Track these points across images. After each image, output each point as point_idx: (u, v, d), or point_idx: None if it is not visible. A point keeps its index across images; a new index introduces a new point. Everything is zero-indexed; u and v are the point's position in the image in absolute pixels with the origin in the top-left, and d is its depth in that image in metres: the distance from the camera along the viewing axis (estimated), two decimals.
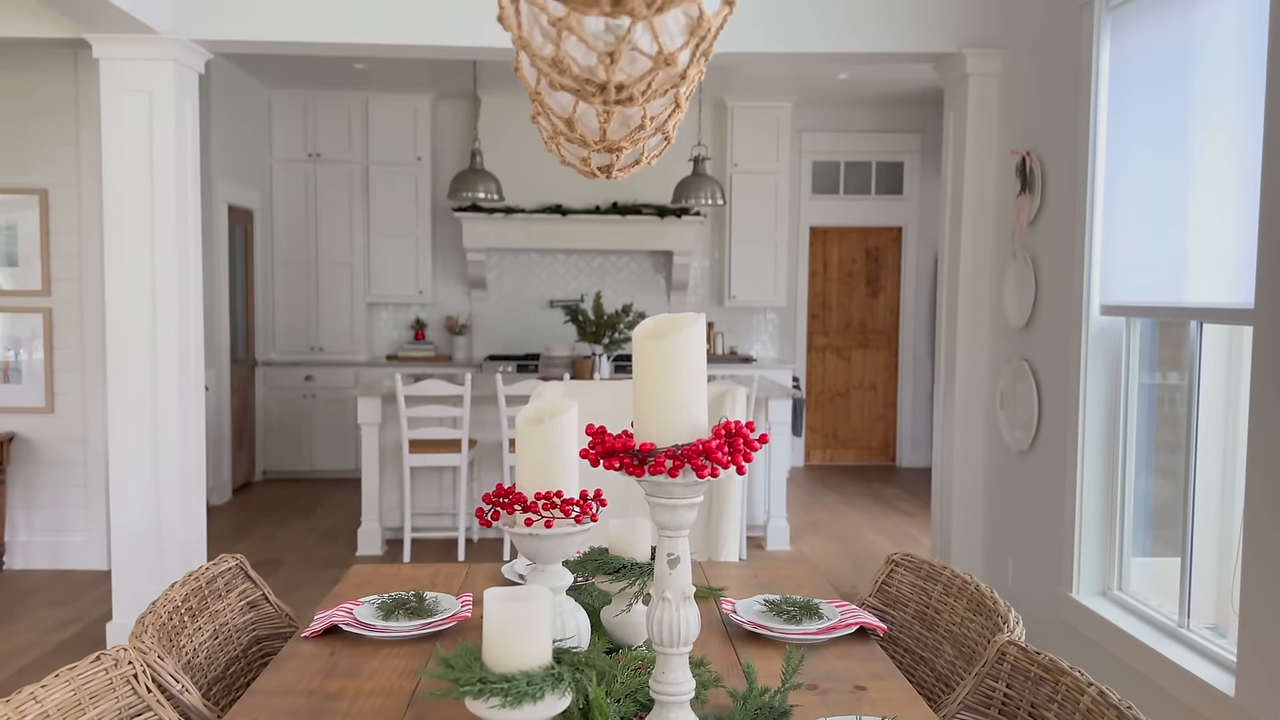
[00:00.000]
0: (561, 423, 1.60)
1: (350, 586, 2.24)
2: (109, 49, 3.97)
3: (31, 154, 5.26)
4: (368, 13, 4.08)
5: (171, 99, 4.02)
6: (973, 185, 4.32)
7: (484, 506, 1.61)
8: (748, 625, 1.92)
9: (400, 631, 1.89)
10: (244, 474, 7.60)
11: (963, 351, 4.37)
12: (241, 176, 7.40)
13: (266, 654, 2.14)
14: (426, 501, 5.95)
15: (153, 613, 1.82)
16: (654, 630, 1.29)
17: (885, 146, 8.44)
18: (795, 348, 8.55)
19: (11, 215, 5.27)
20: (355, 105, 7.93)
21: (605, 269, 8.39)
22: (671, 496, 1.27)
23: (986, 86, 4.27)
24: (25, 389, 5.33)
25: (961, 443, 4.39)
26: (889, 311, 8.65)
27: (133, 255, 4.05)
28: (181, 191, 4.10)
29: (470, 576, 2.33)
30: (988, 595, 1.96)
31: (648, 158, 1.65)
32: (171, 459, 4.12)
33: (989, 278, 4.33)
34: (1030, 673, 1.59)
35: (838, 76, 7.29)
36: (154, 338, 4.08)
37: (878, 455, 8.77)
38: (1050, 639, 3.73)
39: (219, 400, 6.99)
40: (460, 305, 8.40)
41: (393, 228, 8.01)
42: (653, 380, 1.28)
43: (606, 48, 1.04)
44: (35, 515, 5.39)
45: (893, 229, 8.57)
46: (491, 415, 5.84)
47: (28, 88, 5.23)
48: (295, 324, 8.01)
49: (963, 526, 4.42)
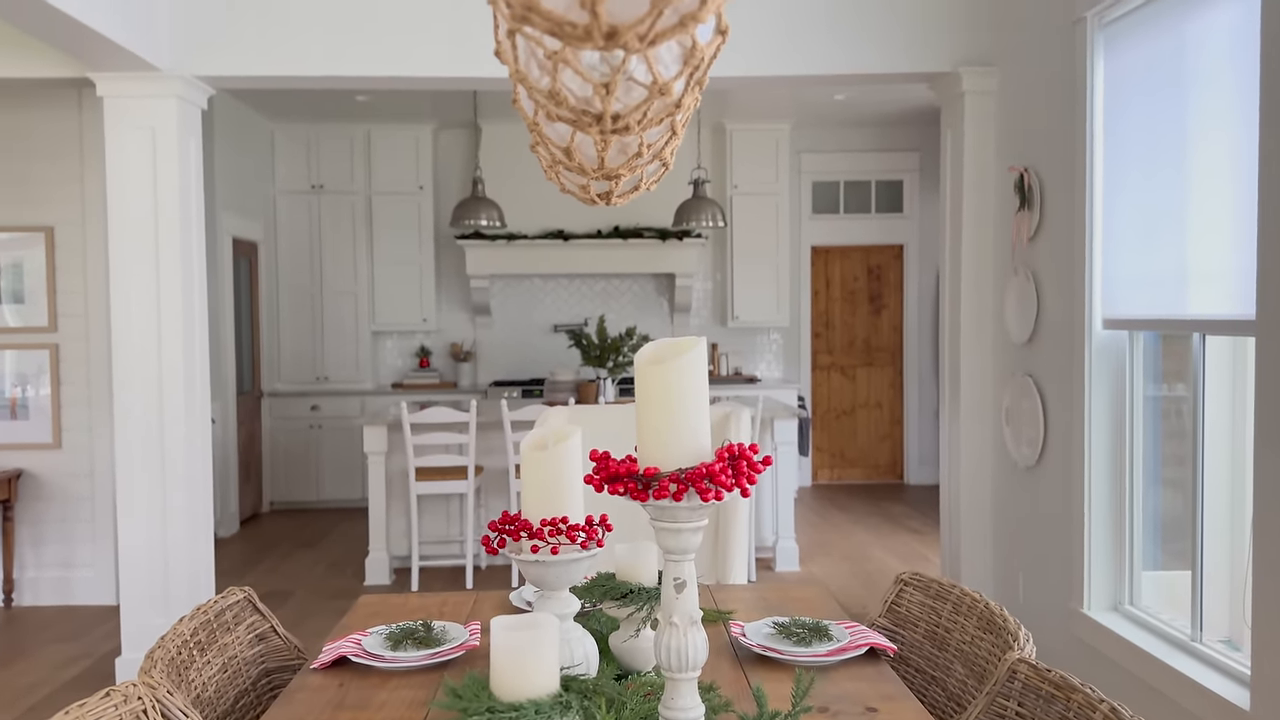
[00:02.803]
0: (566, 448, 1.61)
1: (358, 617, 2.24)
2: (112, 87, 4.01)
3: (37, 192, 5.30)
4: (367, 46, 4.12)
5: (175, 135, 4.06)
6: (972, 202, 4.33)
7: (490, 534, 1.61)
8: (757, 648, 1.91)
9: (409, 662, 1.88)
10: (251, 505, 7.60)
11: (967, 368, 4.38)
12: (245, 209, 7.45)
13: (276, 686, 2.13)
14: (434, 529, 5.95)
15: (161, 647, 1.82)
16: (662, 655, 1.29)
17: (884, 165, 8.48)
18: (800, 367, 8.55)
19: (18, 253, 5.31)
20: (357, 137, 7.99)
21: (608, 292, 8.42)
22: (676, 520, 1.27)
23: (982, 104, 4.29)
24: (33, 425, 5.34)
25: (968, 459, 4.39)
26: (892, 329, 8.65)
27: (138, 290, 4.08)
28: (186, 226, 4.13)
29: (478, 604, 2.32)
30: (997, 613, 1.95)
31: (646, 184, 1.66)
32: (178, 492, 4.13)
33: (991, 294, 4.34)
34: (1042, 690, 1.58)
35: (835, 97, 7.33)
36: (160, 372, 4.10)
37: (885, 473, 8.75)
38: (1062, 655, 3.71)
39: (225, 432, 7.00)
40: (464, 332, 8.42)
41: (396, 256, 8.05)
42: (655, 405, 1.28)
43: (602, 79, 1.05)
44: (43, 551, 5.39)
45: (894, 247, 8.59)
46: (497, 441, 5.84)
47: (33, 127, 5.28)
48: (301, 354, 8.03)
49: (972, 544, 4.40)
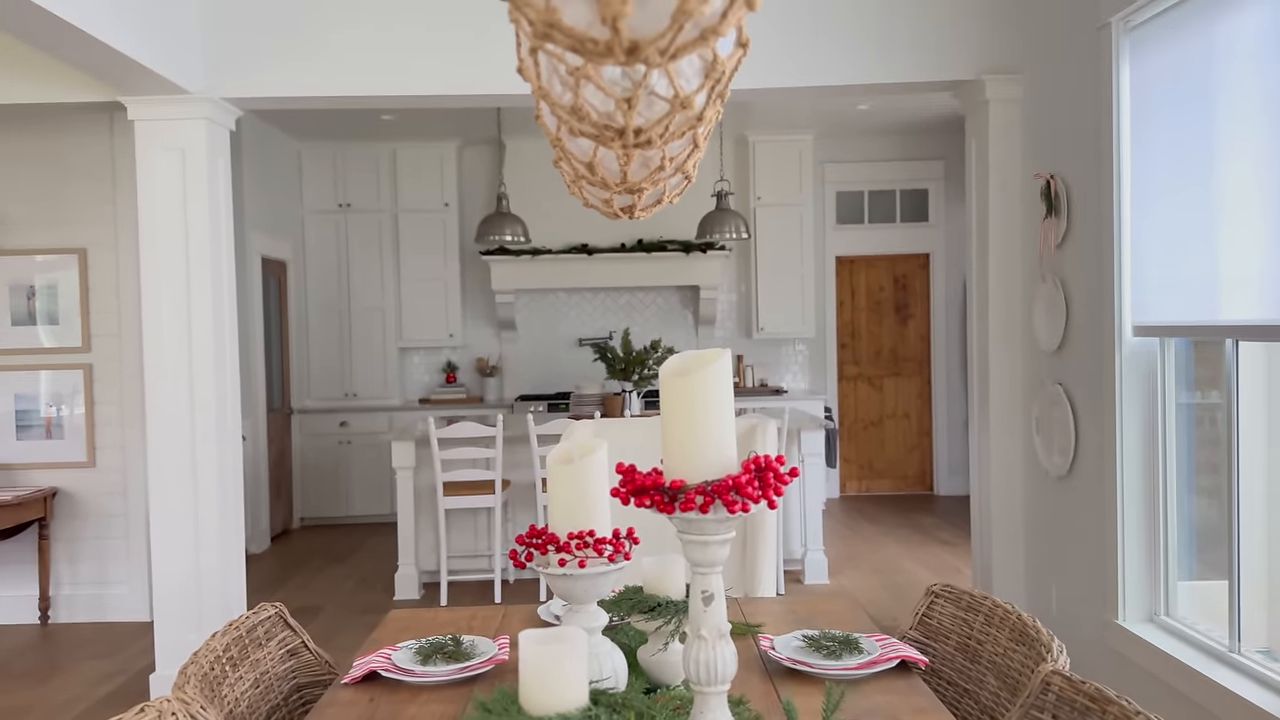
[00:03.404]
0: (592, 462, 1.61)
1: (388, 632, 2.25)
2: (143, 110, 4.08)
3: (71, 214, 5.40)
4: (392, 66, 4.17)
5: (204, 156, 4.12)
6: (998, 210, 4.31)
7: (517, 548, 1.62)
8: (787, 662, 1.90)
9: (438, 676, 1.89)
10: (282, 521, 7.66)
11: (996, 377, 4.34)
12: (274, 229, 7.53)
13: (307, 702, 2.15)
14: (462, 544, 5.96)
15: (195, 663, 1.83)
16: (691, 669, 1.29)
17: (909, 174, 8.45)
18: (826, 378, 8.51)
19: (53, 275, 5.40)
20: (383, 155, 8.07)
21: (633, 306, 8.43)
22: (703, 533, 1.27)
23: (1007, 112, 4.27)
24: (67, 444, 5.42)
25: (998, 469, 4.34)
26: (920, 339, 8.60)
27: (170, 310, 4.13)
28: (216, 246, 4.18)
29: (507, 618, 2.33)
30: (1030, 624, 1.93)
31: (669, 197, 1.67)
32: (211, 509, 4.17)
33: (1019, 302, 4.31)
34: (1076, 703, 1.56)
35: (858, 107, 7.32)
36: (191, 390, 4.15)
37: (915, 484, 8.68)
38: (1097, 667, 3.65)
39: (256, 449, 7.07)
40: (490, 347, 8.46)
41: (422, 273, 8.11)
42: (680, 417, 1.28)
43: (624, 94, 1.06)
44: (78, 568, 5.46)
45: (920, 256, 8.55)
46: (524, 455, 5.85)
47: (66, 151, 5.38)
48: (329, 371, 8.10)
49: (1004, 555, 4.36)
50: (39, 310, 5.41)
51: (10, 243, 5.40)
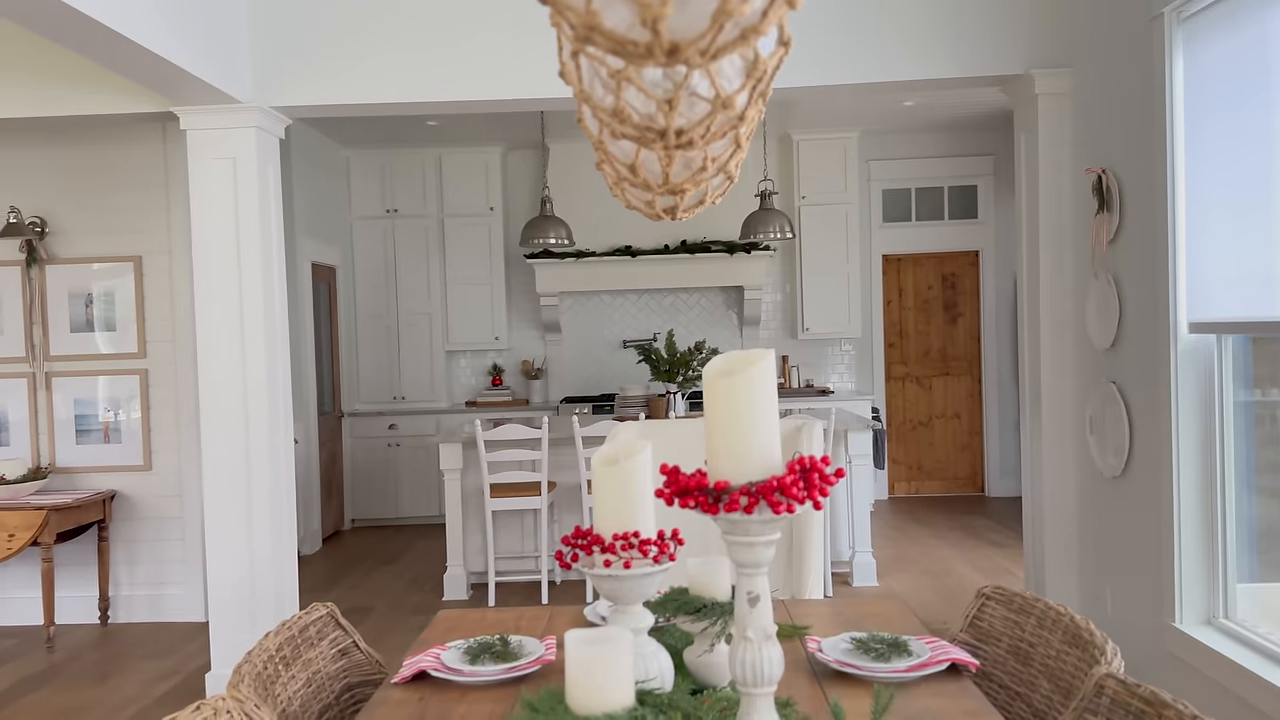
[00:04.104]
0: (636, 463, 1.61)
1: (437, 632, 2.27)
2: (195, 120, 4.16)
3: (126, 223, 5.53)
4: (437, 72, 4.21)
5: (254, 164, 4.19)
6: (1048, 206, 4.24)
7: (563, 549, 1.62)
8: (834, 664, 1.89)
9: (486, 676, 1.90)
10: (333, 523, 7.77)
11: (1047, 376, 4.27)
12: (323, 235, 7.65)
13: (358, 701, 2.17)
14: (509, 545, 6.00)
15: (248, 662, 1.87)
16: (737, 670, 1.29)
17: (957, 171, 8.34)
18: (873, 378, 8.44)
19: (109, 282, 5.54)
20: (429, 161, 8.15)
21: (676, 307, 8.43)
22: (748, 534, 1.27)
23: (1057, 106, 4.20)
24: (125, 448, 5.55)
25: (1051, 470, 4.27)
26: (970, 338, 8.49)
27: (222, 316, 4.21)
28: (266, 253, 4.26)
29: (554, 619, 2.34)
30: (1083, 627, 1.89)
31: (712, 198, 1.66)
32: (264, 511, 4.24)
33: (1071, 299, 4.23)
34: (1131, 706, 1.53)
35: (904, 103, 7.25)
36: (244, 395, 4.22)
37: (965, 485, 8.57)
38: (1154, 671, 3.58)
39: (308, 452, 7.18)
40: (535, 349, 8.51)
41: (468, 277, 8.19)
42: (725, 418, 1.28)
43: (665, 95, 1.06)
44: (136, 570, 5.59)
45: (969, 254, 8.44)
46: (570, 457, 5.87)
47: (121, 161, 5.51)
48: (378, 375, 8.21)
49: (1056, 556, 4.28)
50: (96, 317, 5.55)
51: (68, 251, 5.55)
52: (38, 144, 5.54)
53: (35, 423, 5.56)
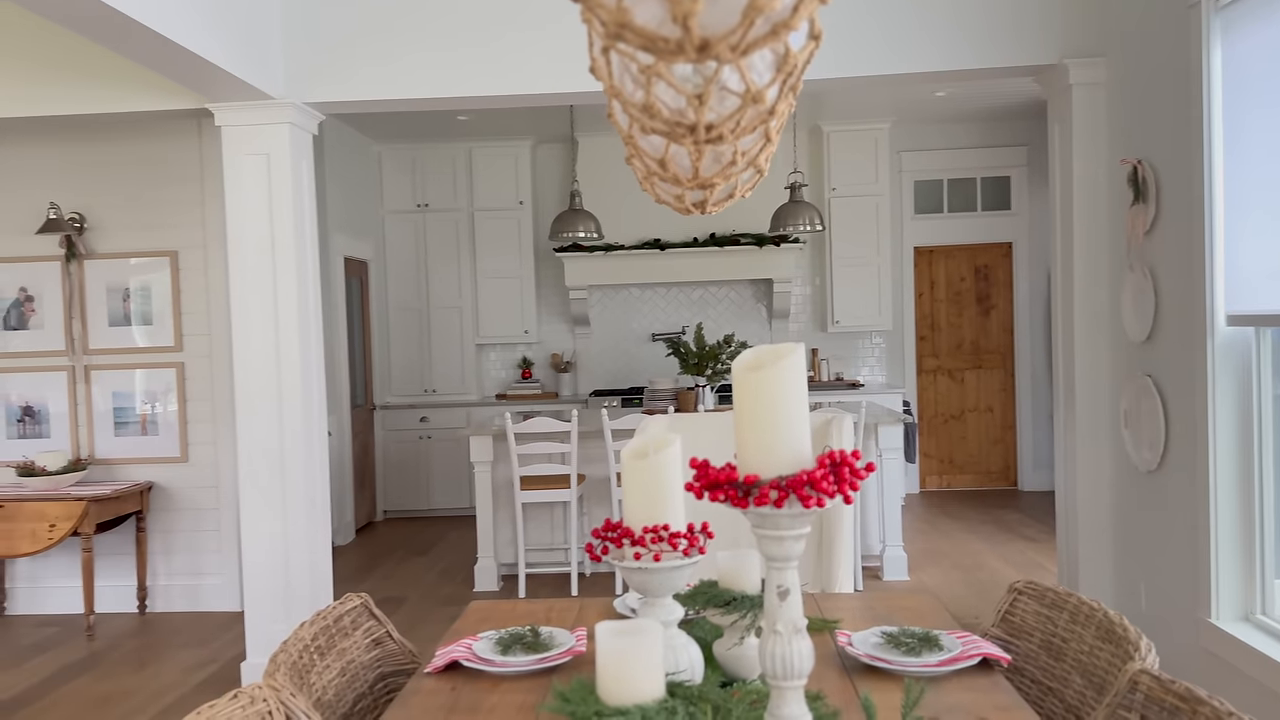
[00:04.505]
0: (665, 457, 1.62)
1: (469, 622, 2.29)
2: (229, 116, 4.21)
3: (162, 218, 5.61)
4: (468, 68, 4.23)
5: (288, 160, 4.24)
6: (1083, 197, 4.19)
7: (593, 541, 1.63)
8: (864, 658, 1.89)
9: (517, 666, 1.92)
10: (366, 514, 7.85)
11: (1082, 369, 4.23)
12: (355, 229, 7.71)
13: (391, 690, 2.20)
14: (539, 537, 6.04)
15: (284, 651, 1.89)
16: (766, 663, 1.29)
17: (990, 162, 8.26)
18: (904, 371, 8.39)
19: (146, 277, 5.62)
20: (459, 155, 8.20)
21: (705, 300, 8.42)
22: (778, 528, 1.27)
23: (1091, 96, 4.15)
24: (162, 440, 5.64)
25: (1085, 464, 4.23)
26: (1003, 330, 8.41)
27: (257, 310, 4.26)
28: (300, 247, 4.30)
29: (584, 611, 2.35)
30: (1117, 622, 1.88)
31: (741, 191, 1.66)
32: (298, 503, 4.29)
33: (1106, 291, 4.18)
34: (1165, 702, 1.52)
35: (936, 94, 7.18)
36: (279, 388, 4.27)
37: (998, 479, 8.50)
38: (1189, 668, 3.54)
39: (341, 444, 7.25)
40: (564, 343, 8.53)
41: (498, 271, 8.23)
42: (754, 412, 1.28)
43: (695, 90, 1.06)
44: (173, 560, 5.68)
45: (1002, 245, 8.36)
46: (598, 450, 5.89)
47: (157, 157, 5.59)
48: (410, 368, 8.27)
49: (1090, 551, 4.24)
50: (134, 311, 5.63)
51: (106, 246, 5.64)
52: (76, 141, 5.63)
53: (75, 415, 5.66)
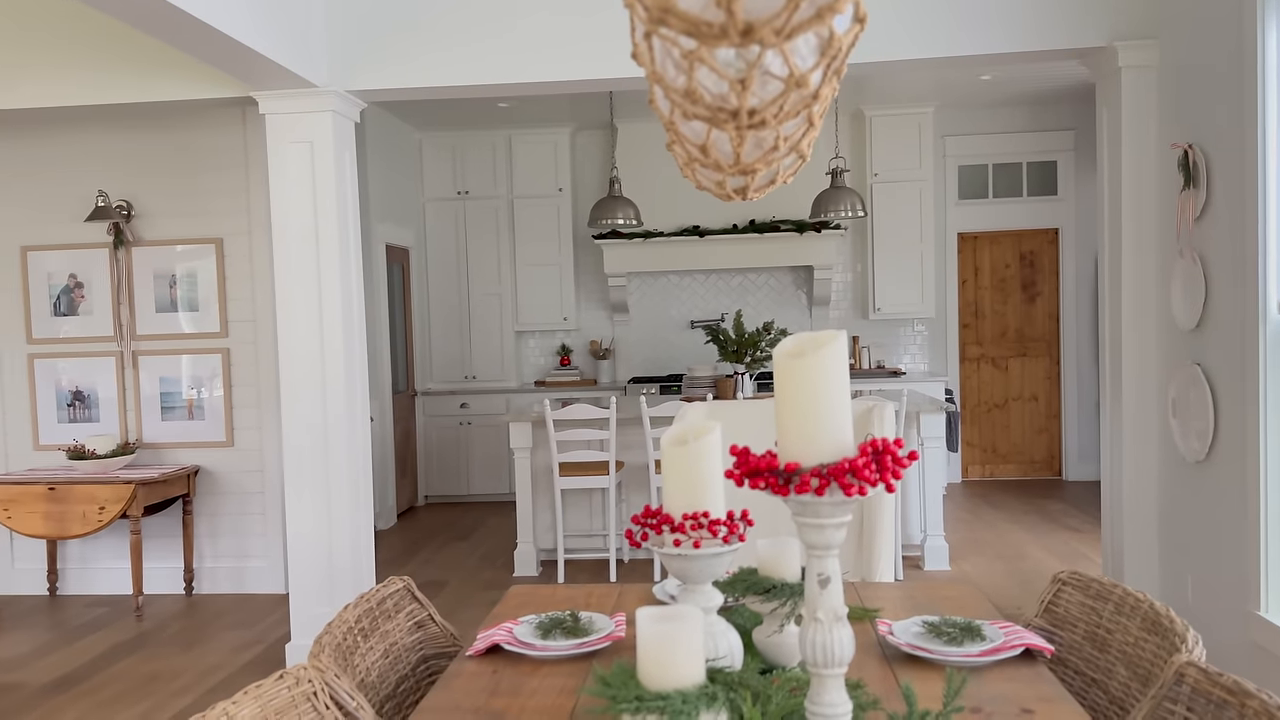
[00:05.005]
0: (706, 444, 1.61)
1: (510, 607, 2.31)
2: (273, 105, 4.25)
3: (207, 206, 5.69)
4: (509, 55, 4.24)
5: (331, 148, 4.28)
6: (1132, 183, 4.11)
7: (633, 528, 1.64)
8: (905, 647, 1.87)
9: (558, 650, 1.93)
10: (407, 499, 7.94)
11: (1129, 357, 4.15)
12: (397, 217, 7.78)
13: (433, 672, 2.23)
14: (577, 523, 6.07)
15: (329, 633, 1.92)
16: (807, 651, 1.29)
17: (1036, 146, 8.13)
18: (947, 359, 8.30)
19: (192, 264, 5.71)
20: (499, 143, 8.22)
21: (744, 287, 8.39)
22: (819, 516, 1.26)
23: (1141, 79, 4.06)
24: (208, 425, 5.74)
25: (1132, 454, 4.16)
26: (1048, 318, 8.29)
27: (301, 297, 4.31)
28: (343, 234, 4.34)
29: (623, 596, 2.36)
30: (1163, 614, 1.85)
31: (783, 177, 1.65)
32: (341, 487, 4.35)
33: (1154, 279, 4.11)
34: (1213, 695, 1.49)
35: (981, 77, 7.08)
36: (323, 374, 4.33)
37: (1041, 469, 8.39)
38: (1236, 661, 3.48)
39: (383, 430, 7.33)
40: (603, 330, 8.55)
41: (537, 258, 8.26)
42: (795, 399, 1.27)
43: (737, 75, 1.06)
44: (219, 543, 5.78)
45: (1048, 231, 8.23)
46: (637, 437, 5.90)
47: (203, 145, 5.67)
48: (450, 354, 8.34)
49: (1136, 542, 4.18)
50: (180, 298, 5.73)
51: (153, 234, 5.73)
52: (124, 129, 5.72)
53: (123, 400, 5.78)
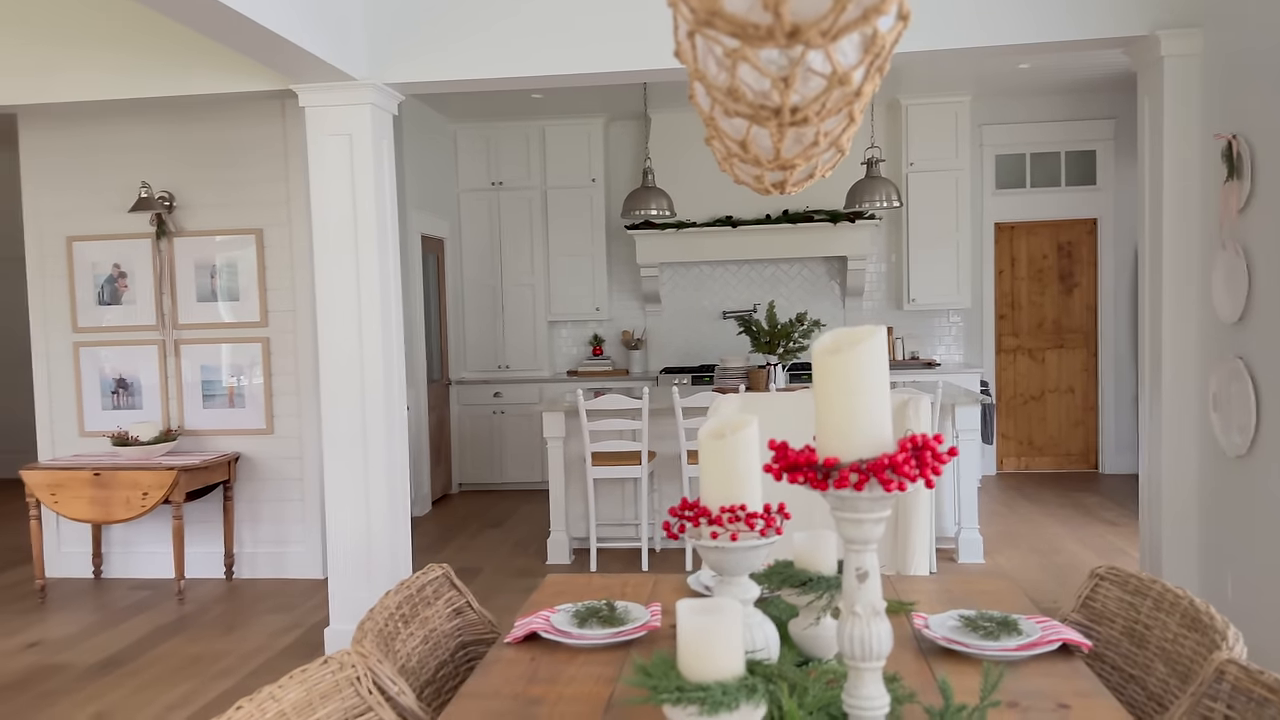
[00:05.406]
0: (743, 438, 1.62)
1: (546, 595, 2.34)
2: (313, 98, 4.30)
3: (247, 197, 5.76)
4: (544, 47, 4.25)
5: (369, 140, 4.32)
6: (1173, 173, 4.05)
7: (670, 520, 1.65)
8: (941, 641, 1.88)
9: (594, 639, 1.96)
10: (442, 486, 8.02)
11: (1169, 350, 4.10)
12: (432, 207, 7.83)
13: (471, 658, 2.26)
14: (609, 512, 6.10)
15: (371, 619, 1.96)
16: (845, 645, 1.30)
17: (1075, 135, 8.02)
18: (982, 351, 8.23)
19: (232, 254, 5.79)
20: (533, 133, 8.25)
21: (777, 278, 8.36)
22: (857, 511, 1.27)
23: (1184, 69, 4.00)
24: (248, 412, 5.82)
25: (1171, 447, 4.12)
26: (1085, 309, 8.19)
27: (340, 287, 4.37)
28: (381, 225, 4.39)
29: (658, 586, 2.38)
30: (1203, 610, 1.84)
31: (821, 171, 1.65)
32: (379, 475, 4.40)
33: (1196, 270, 4.05)
34: (1253, 693, 1.49)
35: (1019, 66, 6.99)
36: (361, 363, 4.38)
37: (1078, 462, 8.31)
38: (1279, 659, 3.44)
39: (418, 418, 7.41)
40: (635, 320, 8.56)
41: (570, 248, 8.28)
42: (834, 395, 1.28)
43: (780, 72, 1.06)
44: (259, 528, 5.88)
45: (1086, 221, 8.13)
46: (669, 428, 5.92)
47: (242, 137, 5.74)
48: (484, 344, 8.39)
49: (1174, 537, 4.14)
50: (220, 287, 5.81)
51: (194, 224, 5.82)
52: (166, 122, 5.81)
53: (165, 387, 5.88)
